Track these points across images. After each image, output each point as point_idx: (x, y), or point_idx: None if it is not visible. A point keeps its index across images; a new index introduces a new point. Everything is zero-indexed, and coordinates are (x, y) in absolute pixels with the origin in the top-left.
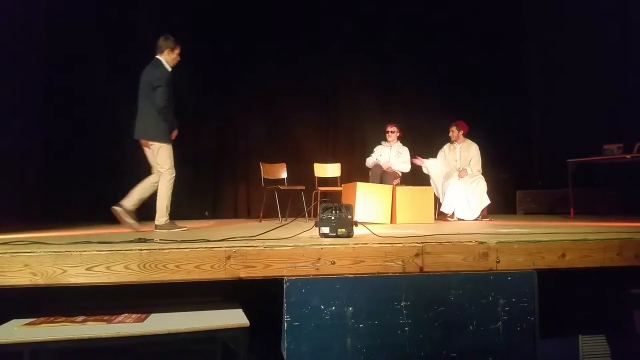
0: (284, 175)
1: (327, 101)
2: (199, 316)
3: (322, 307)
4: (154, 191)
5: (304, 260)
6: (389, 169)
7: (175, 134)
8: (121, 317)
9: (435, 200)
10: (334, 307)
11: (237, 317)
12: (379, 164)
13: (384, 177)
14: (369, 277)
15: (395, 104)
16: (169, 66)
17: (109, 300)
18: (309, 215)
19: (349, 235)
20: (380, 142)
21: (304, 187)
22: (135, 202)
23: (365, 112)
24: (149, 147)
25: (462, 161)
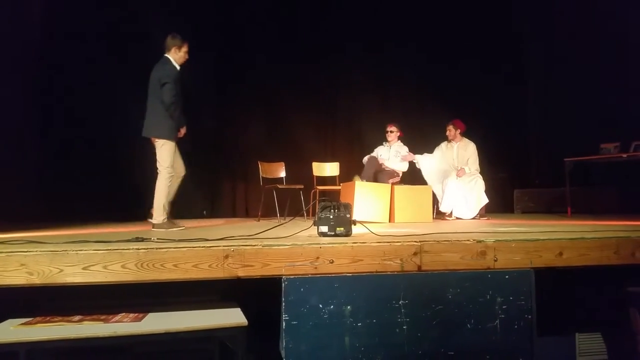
0: (283, 174)
1: (325, 100)
2: (196, 315)
3: (321, 306)
4: (176, 189)
5: (303, 259)
6: (382, 165)
7: (183, 131)
8: (118, 317)
9: (433, 199)
10: (332, 306)
11: (235, 316)
12: (374, 157)
13: (379, 176)
14: (367, 275)
15: (394, 103)
16: (177, 64)
17: (106, 299)
18: (308, 214)
19: (348, 234)
20: (381, 142)
21: (303, 186)
22: (166, 209)
23: (363, 111)
24: (154, 144)
25: (459, 160)
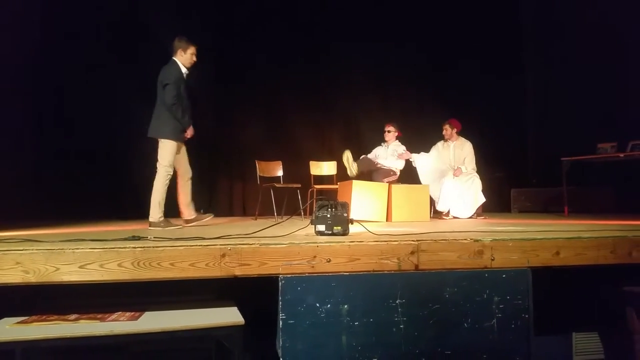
0: (280, 173)
1: (324, 99)
2: (193, 314)
3: (318, 305)
4: (189, 188)
5: (300, 258)
6: (377, 164)
7: (189, 132)
8: (115, 315)
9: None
10: (329, 305)
11: (232, 315)
12: (368, 157)
13: (374, 175)
14: (364, 274)
15: (392, 102)
16: (183, 66)
17: (102, 298)
18: (305, 213)
19: (345, 233)
20: (379, 142)
21: (300, 185)
22: (190, 208)
23: (361, 111)
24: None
25: (456, 159)
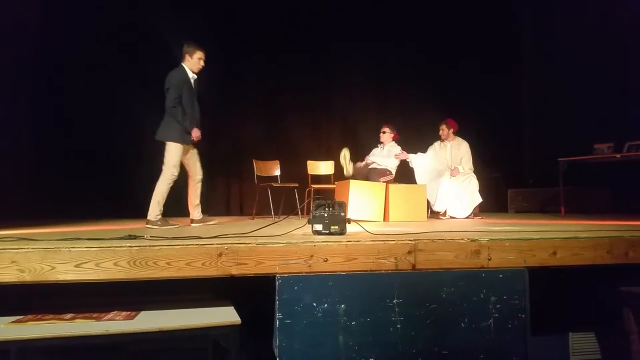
0: (277, 172)
1: (321, 99)
2: (189, 314)
3: (314, 304)
4: (199, 190)
5: (297, 257)
6: (368, 163)
7: (194, 135)
8: (111, 315)
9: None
10: (326, 305)
11: (229, 314)
12: (360, 167)
13: (370, 175)
14: (361, 274)
15: (390, 102)
16: (190, 71)
17: (98, 297)
18: (302, 212)
19: (342, 232)
20: (377, 141)
21: (297, 185)
22: (197, 209)
23: (360, 111)
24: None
25: (453, 159)
